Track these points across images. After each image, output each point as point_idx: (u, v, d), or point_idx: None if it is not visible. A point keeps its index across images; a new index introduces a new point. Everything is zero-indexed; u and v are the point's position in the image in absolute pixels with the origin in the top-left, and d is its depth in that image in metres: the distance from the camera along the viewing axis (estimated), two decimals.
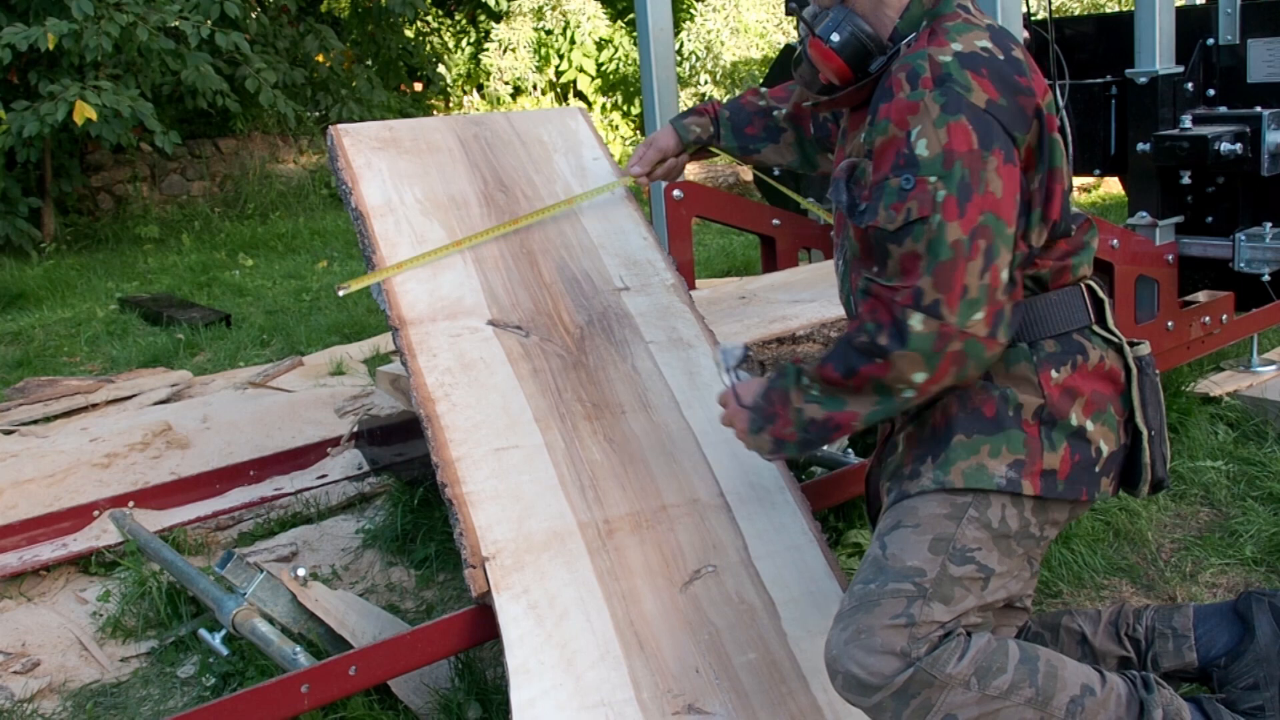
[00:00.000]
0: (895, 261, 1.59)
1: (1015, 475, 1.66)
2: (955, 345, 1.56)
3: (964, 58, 1.61)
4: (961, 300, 1.55)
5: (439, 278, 2.33)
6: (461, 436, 2.06)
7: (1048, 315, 1.72)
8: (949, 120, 1.57)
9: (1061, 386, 1.69)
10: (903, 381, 1.59)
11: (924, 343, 1.56)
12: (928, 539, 1.66)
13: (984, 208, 1.56)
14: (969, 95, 1.58)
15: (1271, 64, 3.24)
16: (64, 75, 7.67)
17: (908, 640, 1.60)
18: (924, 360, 1.57)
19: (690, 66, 11.61)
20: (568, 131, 2.75)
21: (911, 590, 1.62)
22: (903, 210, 1.58)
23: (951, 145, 1.56)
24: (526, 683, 1.78)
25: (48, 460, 3.47)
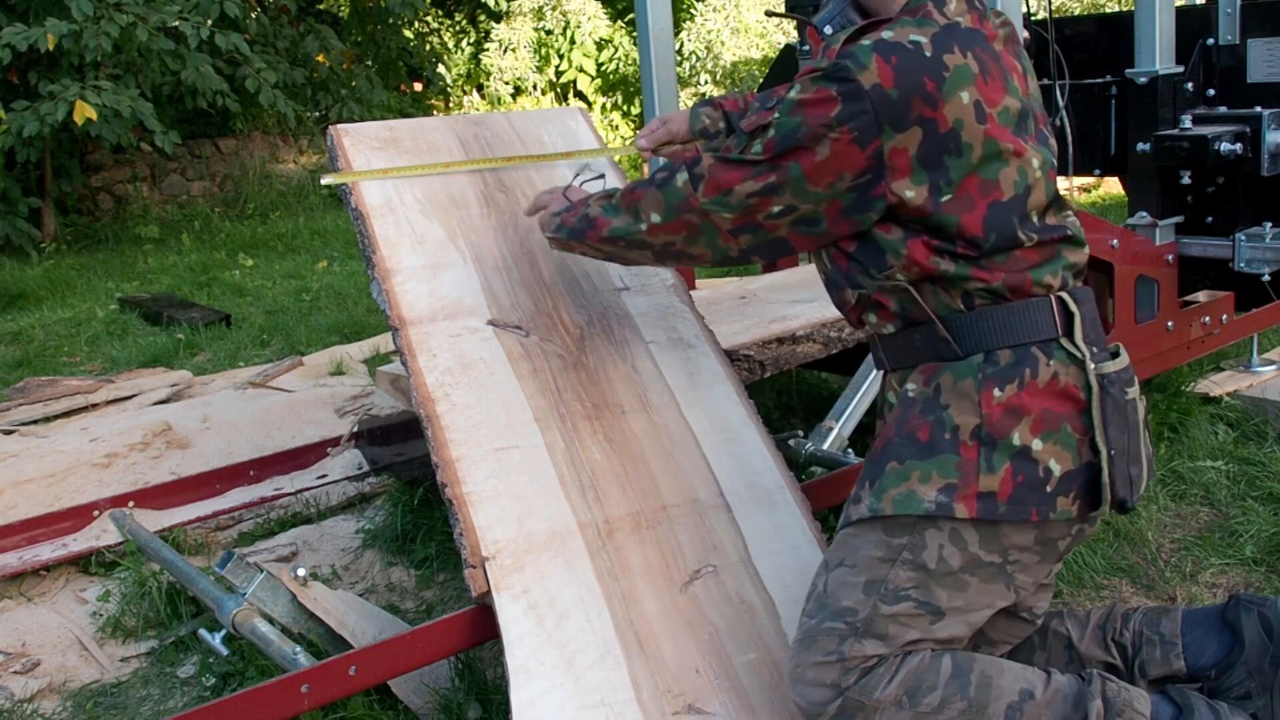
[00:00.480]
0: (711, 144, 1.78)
1: (946, 499, 1.65)
2: (693, 218, 1.77)
3: (883, 44, 1.63)
4: (718, 193, 1.72)
5: (439, 278, 2.33)
6: (461, 436, 2.06)
7: (1006, 325, 1.69)
8: (819, 85, 1.64)
9: (1004, 406, 1.66)
10: (643, 213, 1.84)
11: (673, 196, 1.78)
12: (862, 580, 1.70)
13: (796, 160, 1.66)
14: (856, 73, 1.61)
15: (1271, 64, 3.24)
16: (64, 75, 7.67)
17: (839, 673, 1.67)
18: (665, 207, 1.80)
19: (690, 66, 11.62)
20: (568, 131, 2.75)
21: (844, 629, 1.68)
22: (754, 123, 1.70)
23: (805, 105, 1.64)
24: (526, 683, 1.78)
25: (48, 460, 3.47)
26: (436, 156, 2.57)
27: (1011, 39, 1.80)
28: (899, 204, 1.65)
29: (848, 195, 1.66)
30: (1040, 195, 1.71)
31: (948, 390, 1.69)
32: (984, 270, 1.68)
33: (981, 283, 1.68)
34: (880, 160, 1.63)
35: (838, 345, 2.86)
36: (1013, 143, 1.66)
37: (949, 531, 1.66)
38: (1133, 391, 1.72)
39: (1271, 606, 1.82)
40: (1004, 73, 1.70)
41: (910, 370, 1.76)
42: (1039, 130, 1.77)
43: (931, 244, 1.67)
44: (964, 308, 1.70)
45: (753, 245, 1.79)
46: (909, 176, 1.64)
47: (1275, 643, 1.78)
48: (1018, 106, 1.70)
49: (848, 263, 1.76)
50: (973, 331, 1.69)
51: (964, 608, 1.69)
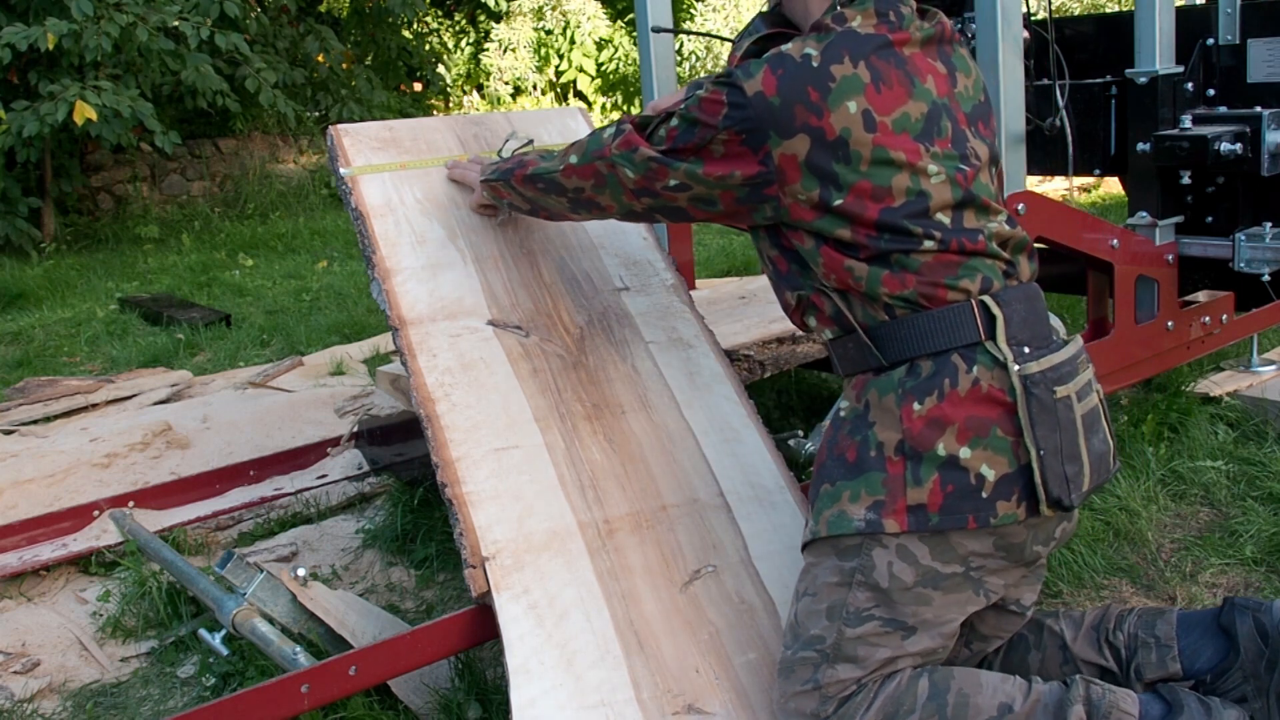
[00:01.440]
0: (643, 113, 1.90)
1: (875, 516, 1.67)
2: (602, 166, 1.89)
3: (776, 59, 1.72)
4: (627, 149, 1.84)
5: (439, 278, 2.33)
6: (461, 436, 2.06)
7: (926, 333, 1.70)
8: (711, 86, 1.74)
9: (925, 418, 1.67)
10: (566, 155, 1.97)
11: (595, 142, 1.92)
12: (824, 607, 1.72)
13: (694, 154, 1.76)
14: (744, 80, 1.71)
15: (1271, 64, 3.24)
16: (64, 75, 7.67)
17: (818, 702, 1.70)
18: (584, 151, 1.93)
19: (690, 66, 11.62)
20: (568, 131, 2.75)
21: (815, 657, 1.71)
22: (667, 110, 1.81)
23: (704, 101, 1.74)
24: (526, 683, 1.78)
25: (48, 460, 3.47)
26: (437, 157, 2.57)
27: (937, 40, 1.80)
28: (794, 206, 1.73)
29: (741, 189, 1.76)
30: (945, 198, 1.72)
31: (874, 407, 1.72)
32: (894, 277, 1.71)
33: (893, 291, 1.71)
34: (771, 163, 1.71)
35: None
36: (904, 150, 1.69)
37: (895, 548, 1.68)
38: (1065, 389, 1.70)
39: (1266, 610, 1.81)
40: (909, 77, 1.73)
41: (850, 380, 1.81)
42: (960, 130, 1.77)
43: (838, 250, 1.73)
44: (886, 317, 1.73)
45: (653, 208, 1.90)
46: (799, 181, 1.71)
47: (1270, 647, 1.77)
48: (924, 110, 1.72)
49: (786, 266, 1.83)
50: (894, 340, 1.72)
51: (933, 620, 1.70)
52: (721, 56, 11.47)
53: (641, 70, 3.76)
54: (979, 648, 1.91)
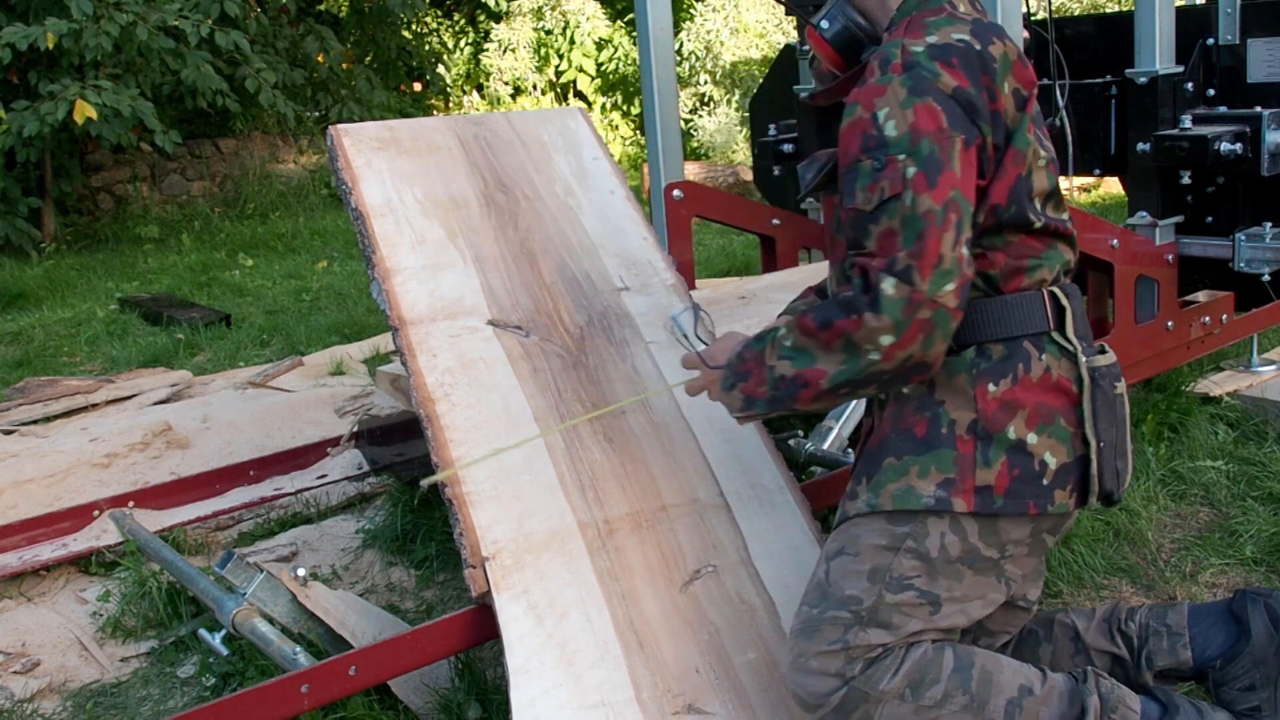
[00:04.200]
0: (874, 239, 1.62)
1: (944, 494, 1.66)
2: (924, 313, 1.58)
3: (935, 49, 1.65)
4: (935, 269, 1.58)
5: (439, 278, 2.33)
6: (461, 436, 2.06)
7: (998, 318, 1.70)
8: (915, 101, 1.61)
9: (999, 400, 1.67)
10: (870, 343, 1.60)
11: (894, 307, 1.58)
12: (866, 568, 1.69)
13: (953, 184, 1.60)
14: (936, 81, 1.62)
15: (1271, 64, 3.24)
16: (64, 75, 7.67)
17: (843, 662, 1.66)
18: (893, 324, 1.58)
19: (690, 66, 11.62)
20: (568, 131, 2.75)
21: (848, 618, 1.67)
22: (877, 190, 1.61)
23: (918, 124, 1.60)
24: (527, 682, 1.78)
25: (48, 460, 3.47)
26: (436, 156, 2.57)
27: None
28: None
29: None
30: (1042, 183, 1.73)
31: (942, 386, 1.70)
32: (985, 254, 1.69)
33: (984, 268, 1.70)
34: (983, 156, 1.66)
35: None
36: (1031, 129, 1.71)
37: (949, 521, 1.68)
38: (1120, 386, 1.74)
39: (1278, 598, 1.84)
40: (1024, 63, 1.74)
41: None
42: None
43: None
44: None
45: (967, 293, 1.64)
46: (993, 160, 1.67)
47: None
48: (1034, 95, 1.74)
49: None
50: (967, 322, 1.69)
51: (960, 598, 1.70)
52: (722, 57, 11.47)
53: (641, 70, 3.76)
54: (987, 643, 1.92)
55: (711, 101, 11.48)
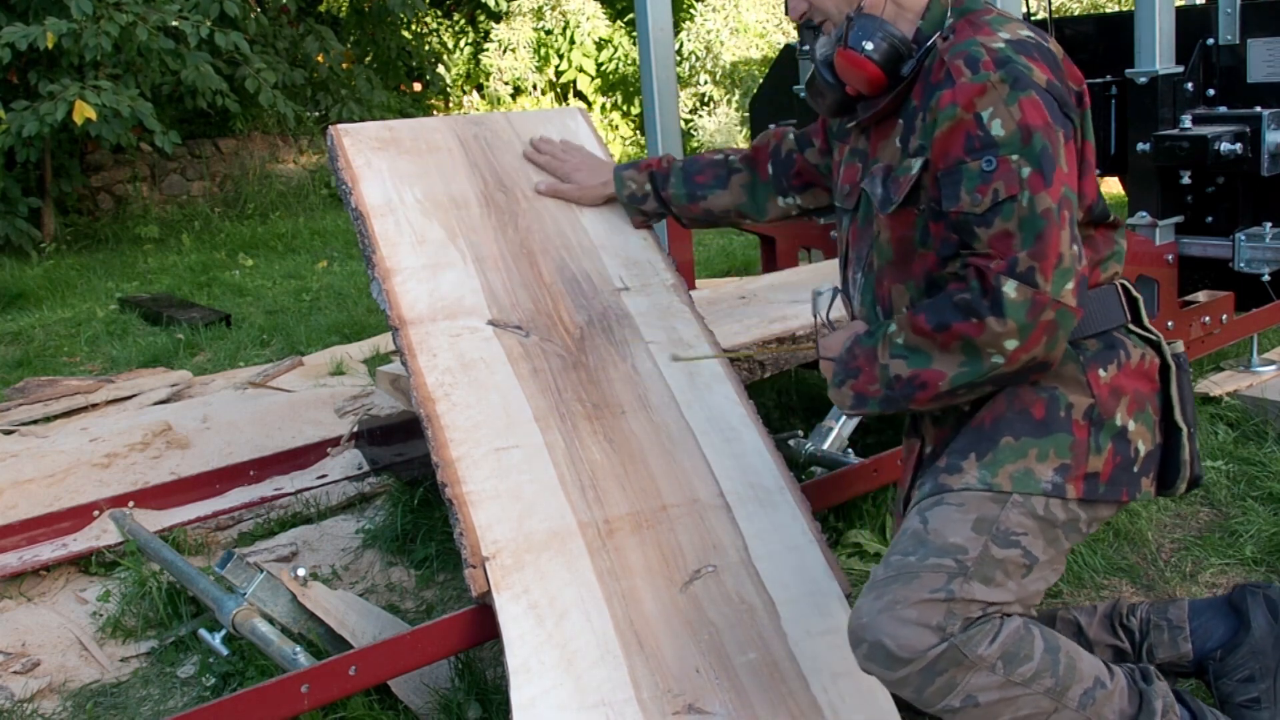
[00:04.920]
0: (985, 243, 1.60)
1: (1060, 480, 1.66)
2: (1049, 314, 1.57)
3: (1015, 44, 1.64)
4: (1056, 269, 1.56)
5: (439, 277, 2.33)
6: (461, 436, 2.06)
7: (1089, 314, 1.70)
8: (1020, 96, 1.59)
9: (1110, 385, 1.68)
10: (994, 346, 1.58)
11: (1018, 310, 1.56)
12: (971, 518, 1.64)
13: (1063, 180, 1.59)
14: (1031, 74, 1.60)
15: (1271, 64, 3.24)
16: (63, 75, 7.67)
17: (944, 615, 1.58)
18: (1018, 328, 1.57)
19: (690, 66, 11.62)
20: (568, 131, 2.75)
21: (953, 566, 1.60)
22: (989, 191, 1.58)
23: (1026, 120, 1.58)
24: (527, 682, 1.78)
25: (48, 460, 3.47)
26: (437, 156, 2.57)
27: None
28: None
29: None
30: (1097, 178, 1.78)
31: (1048, 376, 1.69)
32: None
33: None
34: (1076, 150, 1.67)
35: None
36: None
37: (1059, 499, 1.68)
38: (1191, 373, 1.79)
39: (1278, 591, 1.86)
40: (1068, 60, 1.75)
41: None
42: None
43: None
44: None
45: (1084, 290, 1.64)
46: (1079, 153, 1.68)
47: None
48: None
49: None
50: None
51: (1045, 565, 1.66)
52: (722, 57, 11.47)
53: (641, 70, 3.76)
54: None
55: (711, 101, 11.48)
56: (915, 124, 1.71)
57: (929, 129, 1.67)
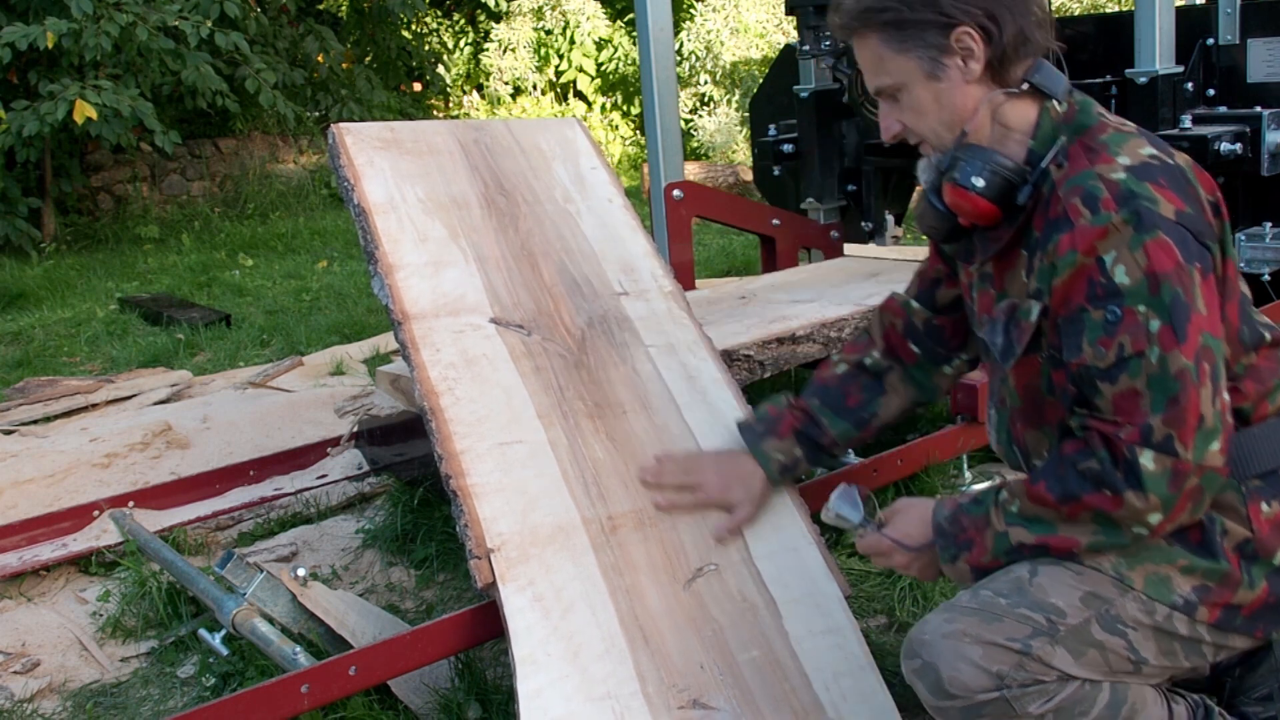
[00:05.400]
0: (1109, 400, 1.47)
1: (1195, 600, 1.54)
2: (1192, 481, 1.44)
3: (1137, 170, 1.49)
4: (1198, 431, 1.43)
5: (441, 275, 2.33)
6: (465, 430, 2.06)
7: (1253, 452, 1.56)
8: (1145, 239, 1.44)
9: (1272, 522, 1.54)
10: (1136, 521, 1.47)
11: (1159, 484, 1.43)
12: (1085, 589, 1.54)
13: (1201, 327, 1.44)
14: (1157, 209, 1.45)
15: (1271, 64, 3.24)
16: (64, 75, 7.67)
17: (1011, 666, 1.50)
18: (1161, 502, 1.44)
19: (690, 66, 11.62)
20: (566, 141, 2.76)
21: (1042, 624, 1.52)
22: (1113, 345, 1.46)
23: (1153, 267, 1.43)
24: (533, 673, 1.78)
25: (48, 460, 3.46)
26: (437, 158, 2.58)
27: None
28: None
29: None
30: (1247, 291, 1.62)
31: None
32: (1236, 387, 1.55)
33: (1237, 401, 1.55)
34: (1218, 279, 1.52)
35: (837, 345, 2.86)
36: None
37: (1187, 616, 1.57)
38: None
39: None
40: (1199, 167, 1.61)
41: None
42: None
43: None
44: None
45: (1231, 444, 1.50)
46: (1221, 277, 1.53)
47: None
48: None
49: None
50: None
51: (1155, 669, 1.57)
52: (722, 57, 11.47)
53: (641, 70, 3.76)
54: None
55: (711, 101, 11.48)
56: (1035, 261, 1.58)
57: (1046, 273, 1.54)
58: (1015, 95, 1.61)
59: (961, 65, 1.59)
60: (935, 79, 1.60)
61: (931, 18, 1.57)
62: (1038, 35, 1.61)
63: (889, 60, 1.62)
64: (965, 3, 1.56)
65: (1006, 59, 1.59)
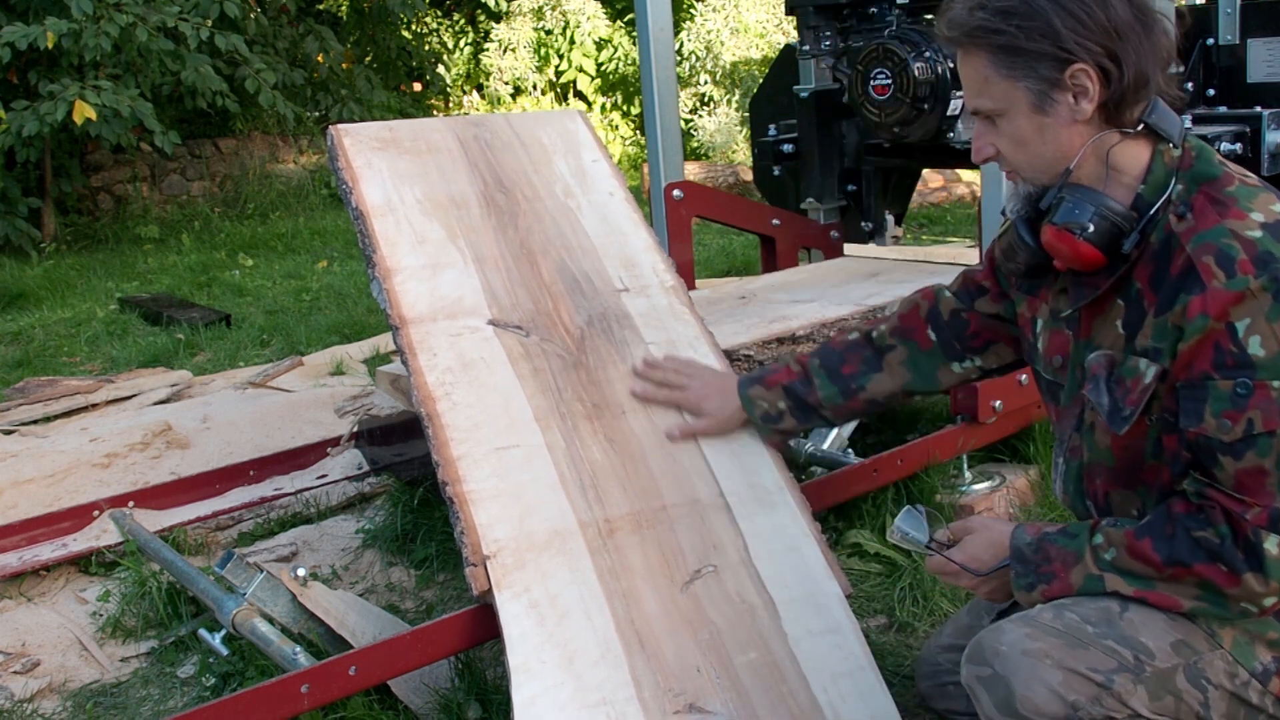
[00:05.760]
0: (1232, 475, 1.41)
1: (1272, 670, 1.51)
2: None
3: (1273, 229, 1.41)
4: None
5: (439, 277, 2.33)
6: (462, 435, 2.06)
7: None
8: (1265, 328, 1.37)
9: None
10: (1250, 600, 1.44)
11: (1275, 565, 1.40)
12: (1177, 637, 1.51)
13: None
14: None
15: (1271, 64, 3.24)
16: (63, 75, 7.67)
17: (1088, 699, 1.46)
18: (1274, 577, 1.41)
19: (690, 66, 11.62)
20: (567, 134, 2.75)
21: (1129, 660, 1.48)
22: (1241, 420, 1.39)
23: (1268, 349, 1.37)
24: (528, 681, 1.78)
25: (48, 460, 3.46)
26: (436, 157, 2.57)
27: None
28: None
29: None
30: None
31: None
32: None
33: None
34: None
35: None
36: None
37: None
38: None
39: None
40: None
41: None
42: None
43: None
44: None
45: None
46: None
47: None
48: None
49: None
50: None
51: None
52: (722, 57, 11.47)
53: (641, 70, 3.76)
54: None
55: (711, 101, 11.48)
56: (1145, 315, 1.50)
57: (1168, 334, 1.46)
58: (1128, 135, 1.52)
59: (1073, 103, 1.50)
60: (1042, 112, 1.51)
61: (1049, 50, 1.46)
62: (1160, 79, 1.51)
63: (995, 84, 1.52)
64: (1088, 39, 1.45)
65: (1124, 102, 1.49)
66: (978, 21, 1.50)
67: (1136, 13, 1.47)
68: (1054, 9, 1.46)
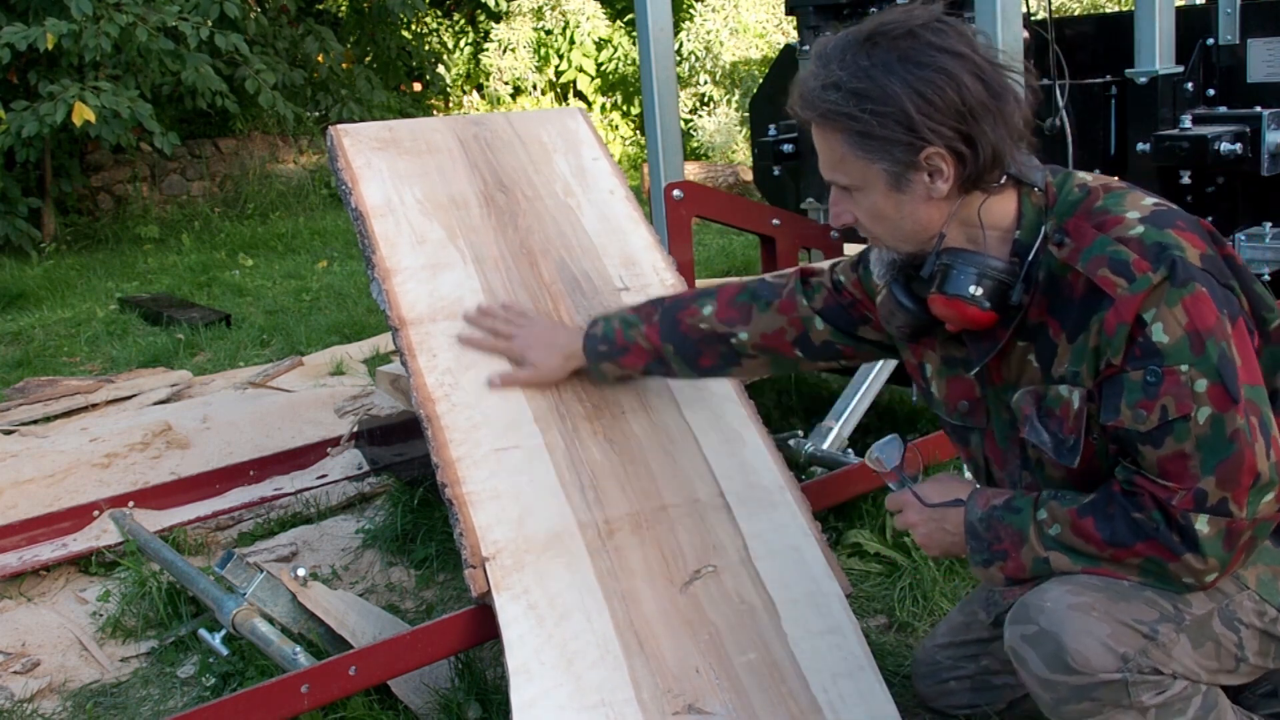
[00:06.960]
0: (1155, 463, 1.43)
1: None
2: (1246, 536, 1.42)
3: (1152, 220, 1.44)
4: (1251, 490, 1.40)
5: (439, 278, 2.33)
6: (461, 437, 2.06)
7: None
8: (1182, 294, 1.39)
9: None
10: (1192, 577, 1.45)
11: (1215, 547, 1.41)
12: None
13: (1245, 380, 1.39)
14: (1185, 255, 1.40)
15: (1271, 64, 3.24)
16: (63, 75, 7.67)
17: (1137, 650, 1.46)
18: (1219, 562, 1.42)
19: (690, 66, 11.62)
20: (567, 132, 2.75)
21: (1170, 611, 1.48)
22: (1155, 408, 1.40)
23: (1195, 324, 1.38)
24: (527, 683, 1.78)
25: (48, 460, 3.47)
26: (436, 157, 2.57)
27: None
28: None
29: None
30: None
31: None
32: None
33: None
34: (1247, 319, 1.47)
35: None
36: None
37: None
38: None
39: None
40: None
41: None
42: None
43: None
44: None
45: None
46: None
47: None
48: None
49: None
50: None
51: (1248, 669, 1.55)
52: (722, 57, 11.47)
53: (641, 70, 3.75)
54: None
55: (711, 101, 11.48)
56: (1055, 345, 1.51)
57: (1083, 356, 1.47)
58: (993, 190, 1.53)
59: (929, 182, 1.50)
60: (899, 190, 1.51)
61: (902, 136, 1.46)
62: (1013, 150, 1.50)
63: (850, 162, 1.52)
64: (941, 123, 1.44)
65: (979, 178, 1.50)
66: (831, 104, 1.48)
67: (989, 89, 1.46)
68: (907, 93, 1.44)
